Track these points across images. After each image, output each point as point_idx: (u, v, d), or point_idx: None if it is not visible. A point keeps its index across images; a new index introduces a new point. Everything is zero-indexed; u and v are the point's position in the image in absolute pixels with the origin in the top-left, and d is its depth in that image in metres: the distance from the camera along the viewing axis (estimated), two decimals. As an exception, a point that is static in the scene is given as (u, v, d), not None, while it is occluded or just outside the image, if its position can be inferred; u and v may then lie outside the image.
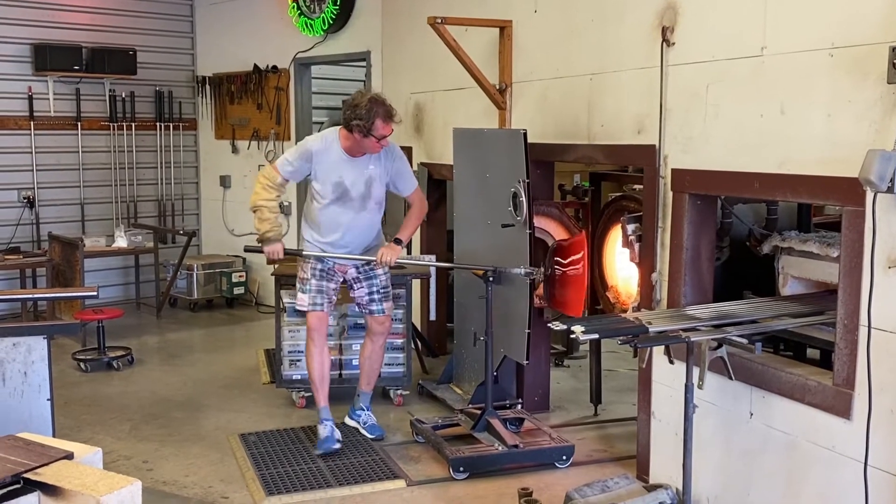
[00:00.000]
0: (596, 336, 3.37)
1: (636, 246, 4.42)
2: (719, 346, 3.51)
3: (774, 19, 3.61)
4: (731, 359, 3.55)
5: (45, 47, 8.04)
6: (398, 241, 4.88)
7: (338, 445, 4.80)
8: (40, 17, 8.09)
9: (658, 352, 4.02)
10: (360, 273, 5.04)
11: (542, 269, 5.01)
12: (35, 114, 8.14)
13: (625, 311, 4.78)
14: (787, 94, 3.54)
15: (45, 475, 2.15)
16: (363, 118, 4.64)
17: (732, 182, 3.84)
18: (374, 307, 5.07)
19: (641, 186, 4.99)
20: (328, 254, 4.93)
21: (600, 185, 5.56)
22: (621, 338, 3.44)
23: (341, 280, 5.05)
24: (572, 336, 3.32)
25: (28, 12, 8.01)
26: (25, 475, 2.17)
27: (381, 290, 5.06)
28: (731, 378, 3.61)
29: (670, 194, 4.16)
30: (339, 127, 4.94)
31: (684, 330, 3.46)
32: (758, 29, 3.67)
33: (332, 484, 4.40)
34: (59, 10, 8.21)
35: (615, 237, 4.97)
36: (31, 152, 8.18)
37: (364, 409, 5.17)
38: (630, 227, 4.45)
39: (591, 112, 4.78)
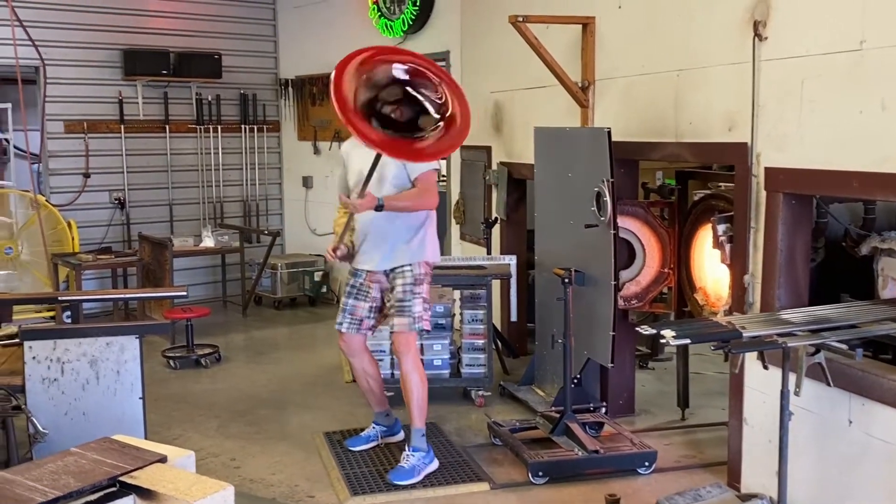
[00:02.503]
0: (687, 341, 3.27)
1: (727, 247, 4.30)
2: (817, 351, 3.37)
3: (874, 12, 3.46)
4: (829, 365, 3.42)
5: (135, 53, 8.27)
6: (380, 202, 4.28)
7: (358, 448, 4.78)
8: (129, 23, 8.33)
9: (751, 357, 3.90)
10: (389, 282, 4.58)
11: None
12: (125, 117, 8.39)
13: (714, 313, 4.66)
14: (888, 89, 3.39)
15: (140, 478, 2.19)
16: None
17: (829, 181, 3.70)
18: (389, 321, 4.58)
19: (727, 184, 4.87)
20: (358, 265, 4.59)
21: (687, 184, 5.43)
22: (714, 343, 3.34)
23: (378, 296, 4.61)
24: (662, 341, 3.23)
25: (118, 19, 8.25)
26: (121, 478, 2.21)
27: (396, 303, 4.50)
28: (829, 385, 3.47)
29: (763, 193, 4.03)
30: None
31: (780, 335, 3.33)
32: (856, 22, 3.52)
33: (415, 485, 4.39)
34: (148, 16, 8.44)
35: (704, 237, 4.85)
36: (122, 155, 8.43)
37: (408, 452, 4.51)
38: (721, 228, 4.33)
39: (679, 109, 4.66)
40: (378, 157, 4.19)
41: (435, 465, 4.53)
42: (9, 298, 5.50)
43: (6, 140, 10.48)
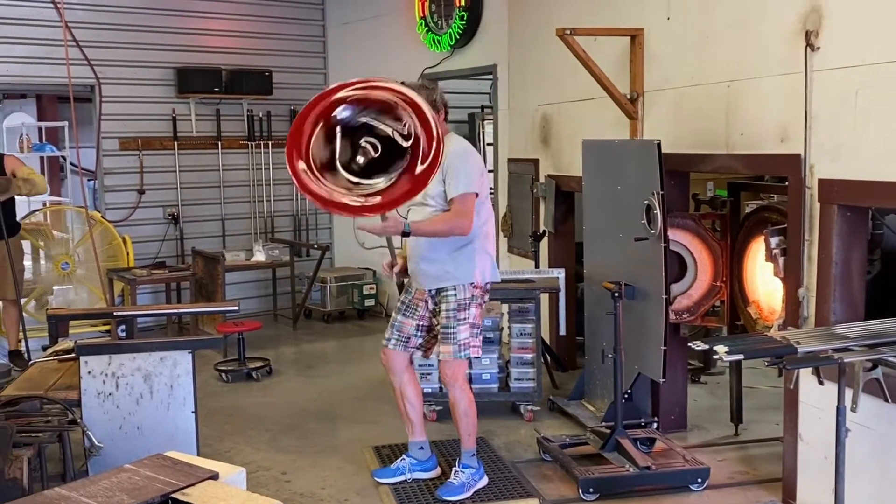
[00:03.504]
0: (740, 357, 3.22)
1: (780, 260, 4.23)
2: (874, 366, 3.29)
3: (931, 19, 3.39)
4: (887, 380, 3.34)
5: (187, 71, 8.42)
6: (406, 227, 4.07)
7: (385, 480, 4.56)
8: (182, 42, 8.48)
9: (806, 371, 3.82)
10: (434, 304, 4.40)
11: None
12: (178, 134, 8.53)
13: (768, 327, 4.58)
14: (947, 98, 3.32)
15: (192, 495, 2.21)
16: None
17: (885, 192, 3.62)
18: (436, 348, 4.42)
19: (779, 196, 4.79)
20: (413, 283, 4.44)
21: (739, 196, 5.35)
22: (768, 358, 3.28)
23: (426, 315, 4.45)
24: (715, 357, 3.19)
25: (171, 38, 8.41)
26: (173, 495, 2.23)
27: (441, 329, 4.31)
28: (887, 400, 3.40)
29: (817, 205, 3.96)
30: None
31: (835, 350, 3.26)
32: (912, 29, 3.45)
33: (464, 501, 4.37)
34: (200, 34, 8.59)
35: (757, 250, 4.77)
36: (175, 171, 8.57)
37: (458, 468, 4.46)
38: (774, 240, 4.26)
39: (730, 120, 4.61)
40: None
41: (485, 481, 4.50)
42: (66, 314, 5.61)
43: (63, 157, 10.76)
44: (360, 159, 3.71)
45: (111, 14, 8.08)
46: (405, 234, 4.10)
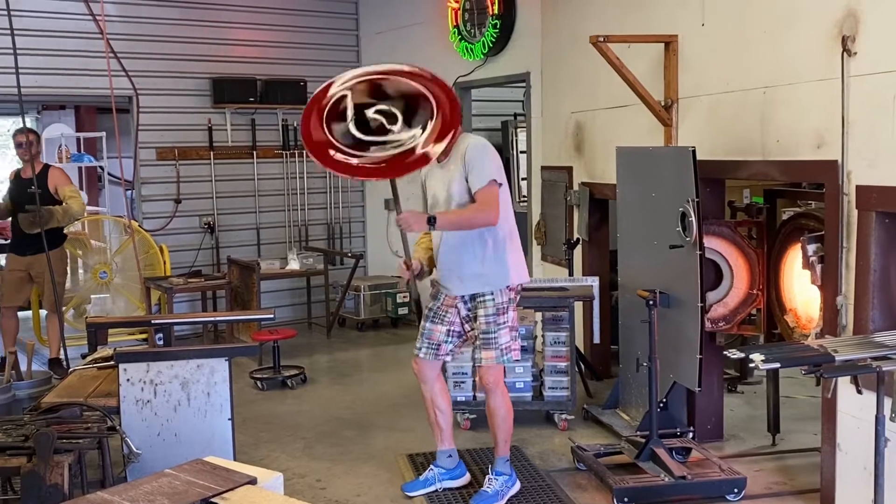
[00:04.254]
0: (777, 365, 3.19)
1: (818, 267, 4.19)
2: (915, 376, 3.25)
3: (972, 23, 3.35)
4: (928, 390, 3.29)
5: (223, 81, 8.52)
6: (432, 217, 4.05)
7: (414, 493, 4.51)
8: (218, 52, 8.58)
9: (844, 381, 3.78)
10: (468, 311, 4.39)
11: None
12: (214, 144, 8.64)
13: (805, 335, 4.54)
14: None
15: (231, 500, 2.24)
16: None
17: (926, 199, 3.58)
18: (475, 354, 4.45)
19: (817, 203, 4.75)
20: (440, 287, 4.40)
21: (775, 203, 5.31)
22: (805, 367, 3.25)
23: (456, 320, 4.42)
24: (751, 365, 3.16)
25: (207, 49, 8.52)
26: (212, 499, 2.26)
27: (481, 335, 4.30)
28: (928, 411, 3.34)
29: (855, 212, 3.92)
30: None
31: (874, 358, 3.22)
32: (952, 34, 3.41)
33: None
34: (235, 45, 8.69)
35: (793, 258, 4.73)
36: (211, 180, 8.67)
37: (492, 476, 4.45)
38: (811, 248, 4.22)
39: (765, 127, 4.57)
40: (394, 184, 4.14)
41: (517, 487, 4.49)
42: (105, 322, 5.70)
43: (101, 167, 10.93)
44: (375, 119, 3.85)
45: (149, 26, 8.21)
46: (430, 224, 4.04)
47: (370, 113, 3.87)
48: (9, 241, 7.06)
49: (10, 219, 6.94)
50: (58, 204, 6.68)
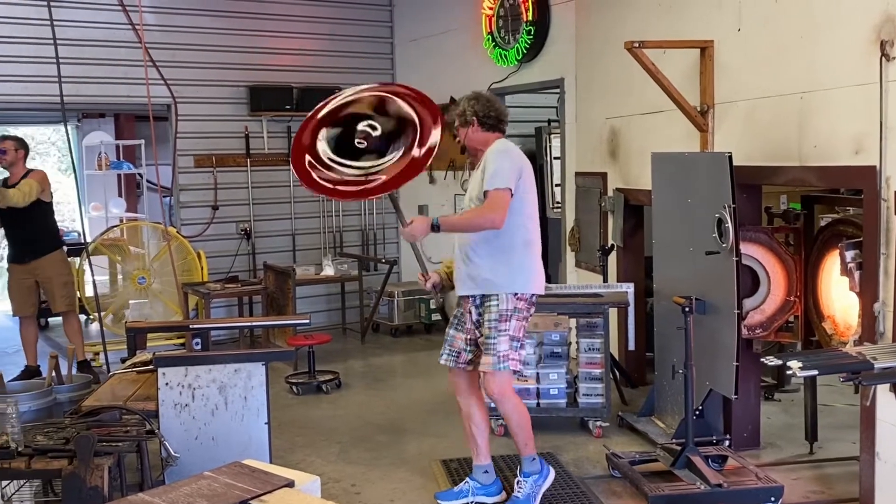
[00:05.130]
0: (815, 373, 3.17)
1: (856, 274, 4.14)
2: (956, 384, 3.21)
3: None
4: (970, 399, 3.25)
5: (260, 89, 8.62)
6: (435, 222, 4.10)
7: (447, 503, 4.47)
8: (255, 61, 8.68)
9: (883, 388, 3.74)
10: (479, 315, 4.30)
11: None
12: (251, 151, 8.73)
13: (843, 343, 4.48)
14: None
15: (269, 502, 2.27)
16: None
17: (967, 205, 3.53)
18: (480, 359, 4.30)
19: (855, 209, 4.69)
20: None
21: (813, 209, 5.26)
22: (843, 375, 3.22)
23: (471, 327, 4.35)
24: (788, 372, 3.14)
25: (244, 57, 8.62)
26: (251, 502, 2.29)
27: (483, 340, 4.25)
28: (970, 420, 3.30)
29: (894, 218, 3.87)
30: None
31: (915, 366, 3.19)
32: None
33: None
34: (272, 53, 8.78)
35: (831, 264, 4.68)
36: (248, 187, 8.77)
37: (521, 478, 4.41)
38: (849, 254, 4.17)
39: (803, 132, 4.54)
40: (394, 199, 4.29)
41: (551, 477, 4.42)
42: (144, 326, 5.77)
43: (140, 175, 11.08)
44: (362, 144, 4.00)
45: (187, 35, 8.32)
46: (434, 229, 4.07)
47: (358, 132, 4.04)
48: (8, 254, 7.17)
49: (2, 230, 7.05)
50: (44, 208, 6.78)
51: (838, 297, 4.71)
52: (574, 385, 5.68)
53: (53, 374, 5.24)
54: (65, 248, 7.28)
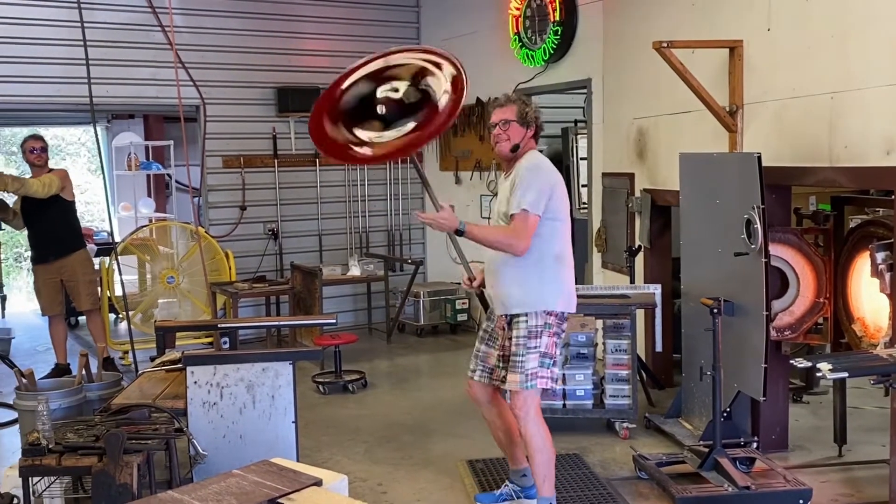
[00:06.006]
0: (845, 375, 3.14)
1: (887, 276, 4.10)
2: None
3: None
4: None
5: (287, 90, 8.66)
6: (461, 225, 3.95)
7: None
8: (282, 62, 8.73)
9: (915, 392, 3.69)
10: (510, 331, 4.11)
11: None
12: (278, 152, 8.78)
13: (873, 345, 4.44)
14: None
15: (297, 501, 2.28)
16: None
17: None
18: (507, 376, 4.10)
19: (885, 210, 4.64)
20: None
21: (843, 210, 5.20)
22: (873, 377, 3.18)
23: (505, 344, 4.15)
24: (818, 374, 3.11)
25: (272, 59, 8.67)
26: (279, 500, 2.30)
27: (511, 357, 4.06)
28: None
29: (926, 220, 3.83)
30: None
31: (947, 369, 3.15)
32: None
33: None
34: (299, 55, 8.82)
35: (862, 266, 4.63)
36: (275, 188, 8.82)
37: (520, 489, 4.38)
38: (880, 256, 4.13)
39: (833, 132, 4.49)
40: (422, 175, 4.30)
41: None
42: (174, 325, 5.83)
43: (168, 175, 11.19)
44: (381, 109, 3.91)
45: (215, 37, 8.39)
46: (459, 234, 3.95)
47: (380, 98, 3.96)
48: (32, 255, 7.26)
49: (26, 230, 7.14)
50: (65, 207, 6.86)
51: (868, 298, 4.66)
52: (601, 386, 5.66)
53: (83, 372, 5.29)
54: (88, 247, 7.36)
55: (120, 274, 6.41)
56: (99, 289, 7.54)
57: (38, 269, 7.06)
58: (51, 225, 6.85)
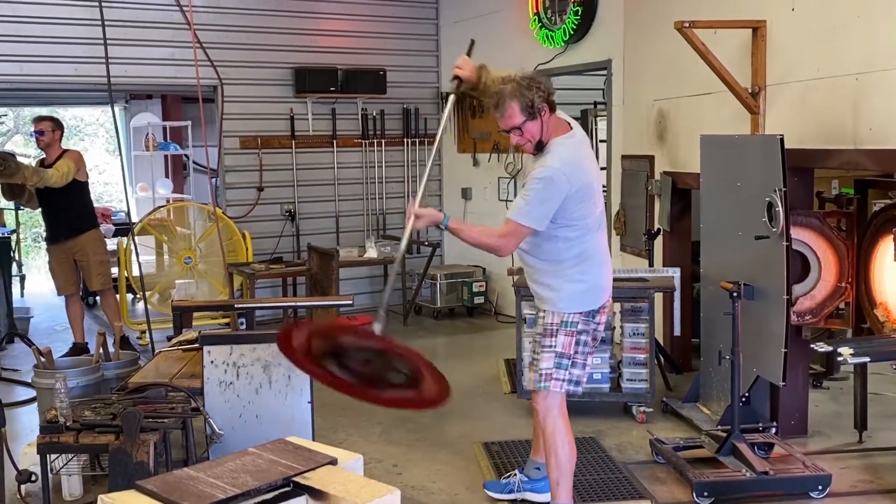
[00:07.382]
0: (866, 359, 3.09)
1: (911, 260, 4.04)
2: None
3: None
4: None
5: (305, 71, 8.62)
6: (445, 220, 3.76)
7: (495, 494, 4.36)
8: (300, 42, 8.69)
9: (939, 377, 3.64)
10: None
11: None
12: (296, 133, 8.75)
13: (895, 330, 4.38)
14: None
15: (313, 479, 2.27)
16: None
17: None
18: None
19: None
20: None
21: (866, 193, 5.13)
22: (895, 363, 3.14)
23: None
24: (839, 359, 3.07)
25: (290, 39, 8.63)
26: (294, 478, 2.29)
27: (533, 355, 3.99)
28: None
29: (953, 203, 3.76)
30: None
31: (973, 355, 3.10)
32: None
33: (575, 501, 4.34)
34: (317, 35, 8.79)
35: (885, 250, 4.57)
36: (293, 169, 8.80)
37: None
38: (903, 240, 4.07)
39: (858, 114, 4.42)
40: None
41: None
42: (191, 305, 5.84)
43: (186, 156, 11.20)
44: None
45: (233, 16, 8.36)
46: (439, 227, 3.82)
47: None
48: (46, 234, 7.28)
49: (40, 209, 7.15)
50: (79, 187, 6.86)
51: (891, 283, 4.61)
52: (618, 370, 5.63)
53: (101, 351, 5.31)
54: (105, 227, 7.37)
55: (137, 254, 6.43)
56: (114, 269, 7.56)
57: (52, 249, 7.09)
58: (64, 205, 6.86)
